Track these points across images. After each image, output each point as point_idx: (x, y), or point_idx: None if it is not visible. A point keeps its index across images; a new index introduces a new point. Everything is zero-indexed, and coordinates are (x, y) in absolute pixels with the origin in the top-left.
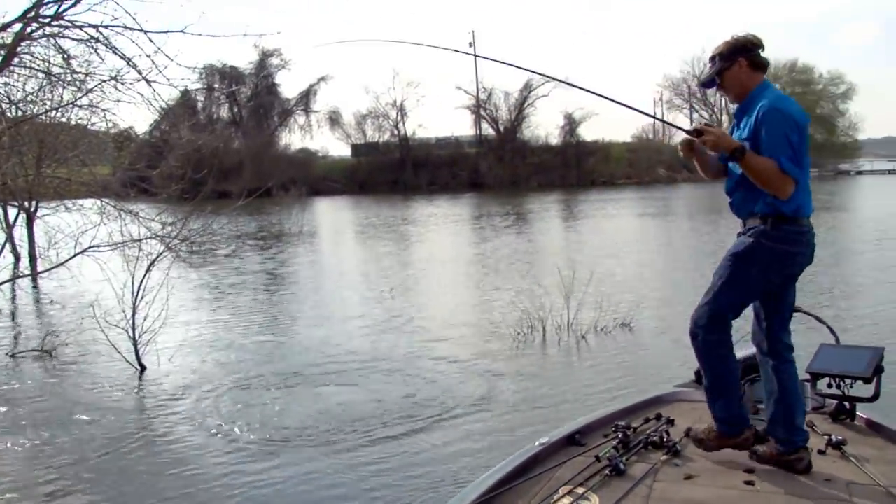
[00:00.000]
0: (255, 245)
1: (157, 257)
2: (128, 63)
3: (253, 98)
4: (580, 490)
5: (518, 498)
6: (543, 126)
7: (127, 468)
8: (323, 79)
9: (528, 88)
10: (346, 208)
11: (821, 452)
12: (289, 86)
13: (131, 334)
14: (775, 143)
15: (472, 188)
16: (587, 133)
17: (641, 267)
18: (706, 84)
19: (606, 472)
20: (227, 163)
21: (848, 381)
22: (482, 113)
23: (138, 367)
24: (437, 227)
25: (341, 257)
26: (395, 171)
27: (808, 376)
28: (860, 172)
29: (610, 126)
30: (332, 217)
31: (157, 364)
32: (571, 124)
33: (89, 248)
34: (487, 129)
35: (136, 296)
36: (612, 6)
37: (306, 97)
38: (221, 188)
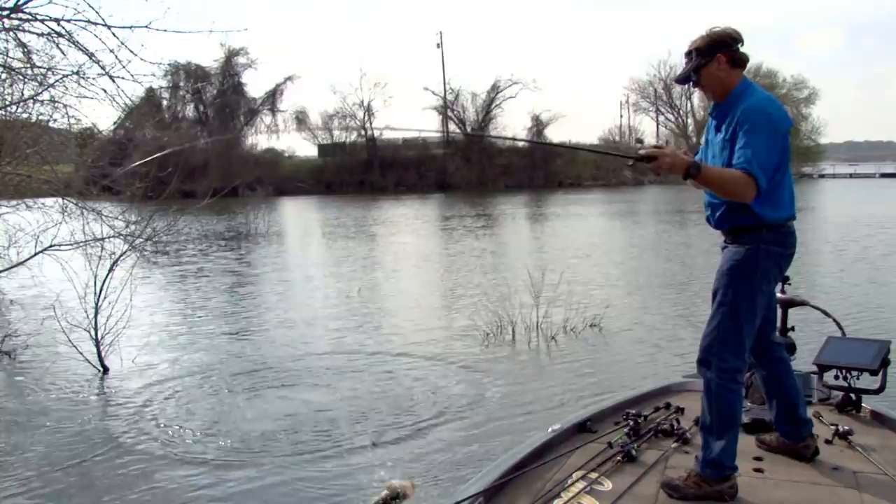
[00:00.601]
0: (221, 245)
1: (120, 256)
2: (90, 58)
3: (219, 97)
4: (593, 475)
5: (532, 482)
6: (511, 127)
7: (88, 472)
8: (290, 78)
9: (495, 90)
10: (312, 209)
11: (828, 442)
12: (255, 85)
13: (93, 335)
14: (749, 145)
15: (439, 189)
16: (554, 135)
17: (608, 268)
18: (682, 80)
19: (619, 458)
20: (192, 162)
21: (854, 373)
22: (449, 114)
23: (101, 369)
24: (404, 227)
25: (307, 258)
26: (362, 171)
27: (815, 368)
28: (822, 176)
29: (577, 128)
30: (298, 217)
31: (121, 365)
32: (539, 126)
33: (50, 247)
34: (455, 130)
35: (99, 296)
36: (580, 8)
37: (273, 97)
38: (187, 188)
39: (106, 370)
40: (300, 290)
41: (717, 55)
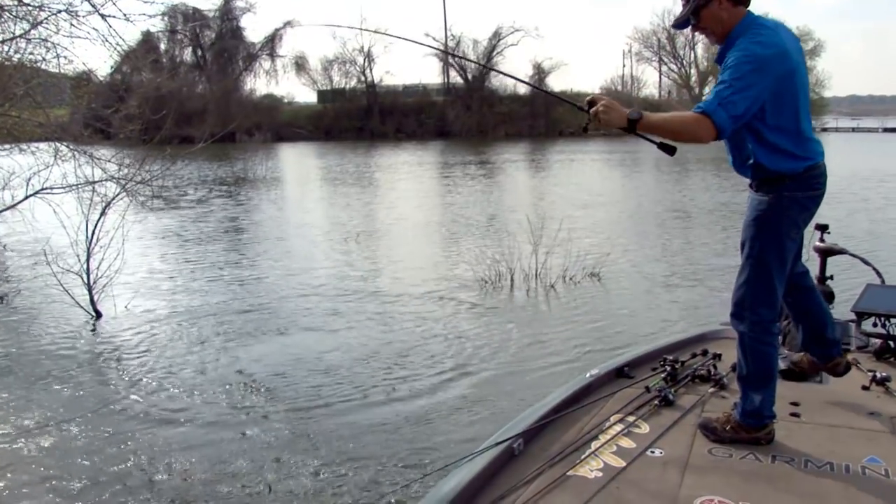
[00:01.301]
0: (218, 191)
1: (113, 199)
2: None
3: (217, 42)
4: (631, 419)
5: (571, 425)
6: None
7: (75, 425)
8: (289, 23)
9: (497, 37)
10: (310, 155)
11: (865, 388)
12: (254, 30)
13: (85, 280)
14: (718, 84)
15: (439, 137)
16: (556, 83)
17: (609, 218)
18: (680, 25)
19: (656, 402)
20: (190, 107)
21: (893, 320)
22: (451, 61)
23: (93, 314)
24: (404, 174)
25: (305, 204)
26: (361, 118)
27: (853, 316)
28: (825, 129)
29: (579, 77)
30: (296, 164)
31: (114, 311)
32: (540, 74)
33: (42, 189)
34: (456, 78)
35: (91, 240)
36: None
37: (272, 42)
38: (185, 133)
39: (99, 315)
40: (297, 236)
41: None
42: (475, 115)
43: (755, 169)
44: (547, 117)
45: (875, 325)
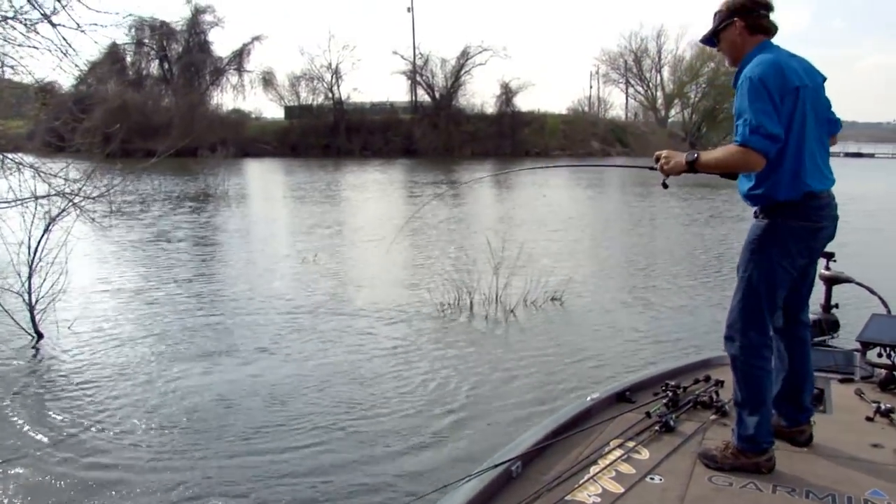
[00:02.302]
0: (174, 207)
1: (58, 216)
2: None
3: (184, 55)
4: (631, 444)
5: (571, 449)
6: (479, 94)
7: (14, 448)
8: (257, 38)
9: (465, 56)
10: (274, 171)
11: (869, 419)
12: (222, 44)
13: (27, 299)
14: (739, 114)
15: (405, 155)
16: (523, 103)
17: (572, 240)
18: (705, 41)
19: (657, 428)
20: (155, 121)
21: None
22: (418, 79)
23: (34, 335)
24: (368, 193)
25: (264, 221)
26: (328, 134)
27: (858, 345)
28: None
29: (546, 97)
30: (259, 179)
31: (57, 332)
32: (507, 94)
33: None
34: (423, 96)
35: (33, 257)
36: None
37: (240, 56)
38: (149, 147)
39: (40, 336)
40: (253, 255)
41: (734, 20)
42: (442, 133)
43: (754, 196)
44: (513, 137)
45: (880, 355)
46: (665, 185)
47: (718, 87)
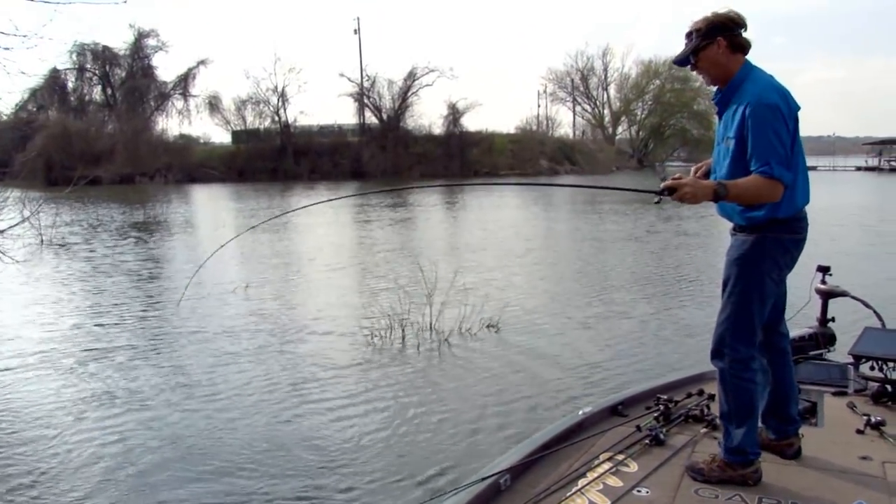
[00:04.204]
0: (99, 237)
1: None
2: None
3: (127, 80)
4: (620, 457)
5: (560, 462)
6: (427, 115)
7: None
8: (202, 62)
9: (412, 77)
10: (219, 197)
11: (859, 432)
12: (166, 69)
13: None
14: (763, 146)
15: (354, 177)
16: (471, 124)
17: (516, 264)
18: (680, 62)
19: (647, 441)
20: (98, 147)
21: (891, 364)
22: (365, 101)
23: None
24: (311, 218)
25: (196, 250)
26: (275, 158)
27: (851, 359)
28: None
29: (494, 117)
30: (202, 206)
31: None
32: (455, 114)
33: None
34: (371, 118)
35: None
36: None
37: (185, 81)
38: (91, 173)
39: None
40: (179, 288)
41: (717, 38)
42: (390, 155)
43: (750, 216)
44: (461, 158)
45: (873, 368)
46: (658, 202)
47: (664, 104)
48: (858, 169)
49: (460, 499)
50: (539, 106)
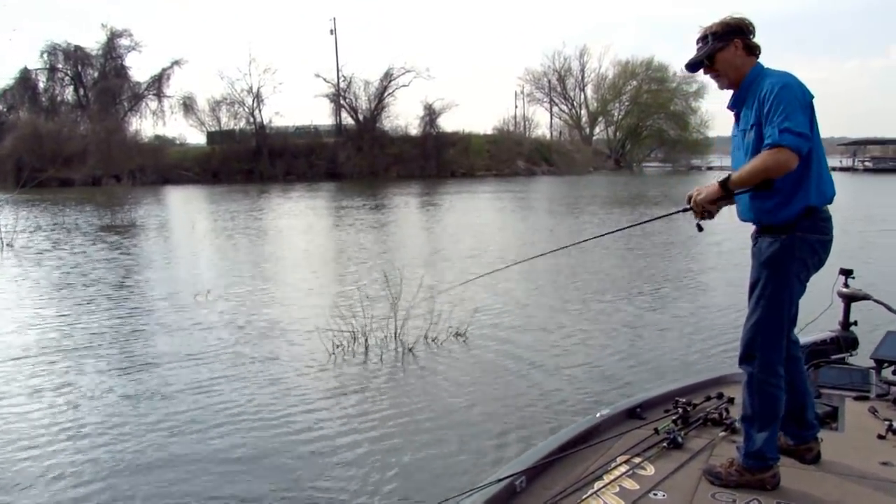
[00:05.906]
0: (59, 240)
1: None
2: None
3: (100, 80)
4: (637, 460)
5: (576, 464)
6: (404, 116)
7: None
8: (177, 62)
9: (388, 77)
10: (192, 199)
11: (881, 437)
12: (140, 69)
13: None
14: (776, 116)
15: (330, 178)
16: (447, 124)
17: (488, 266)
18: (693, 67)
19: (664, 444)
20: (70, 149)
21: None
22: (342, 102)
23: None
24: (285, 220)
25: (161, 254)
26: (250, 159)
27: (873, 363)
28: (710, 168)
29: (470, 118)
30: (175, 208)
31: None
32: (431, 115)
33: None
34: (347, 119)
35: None
36: None
37: (159, 81)
38: (63, 175)
39: None
40: (142, 294)
41: (734, 40)
42: (366, 156)
43: (774, 209)
44: (438, 158)
45: (895, 372)
46: (700, 228)
47: (641, 104)
48: (833, 170)
49: (475, 500)
50: (516, 107)
